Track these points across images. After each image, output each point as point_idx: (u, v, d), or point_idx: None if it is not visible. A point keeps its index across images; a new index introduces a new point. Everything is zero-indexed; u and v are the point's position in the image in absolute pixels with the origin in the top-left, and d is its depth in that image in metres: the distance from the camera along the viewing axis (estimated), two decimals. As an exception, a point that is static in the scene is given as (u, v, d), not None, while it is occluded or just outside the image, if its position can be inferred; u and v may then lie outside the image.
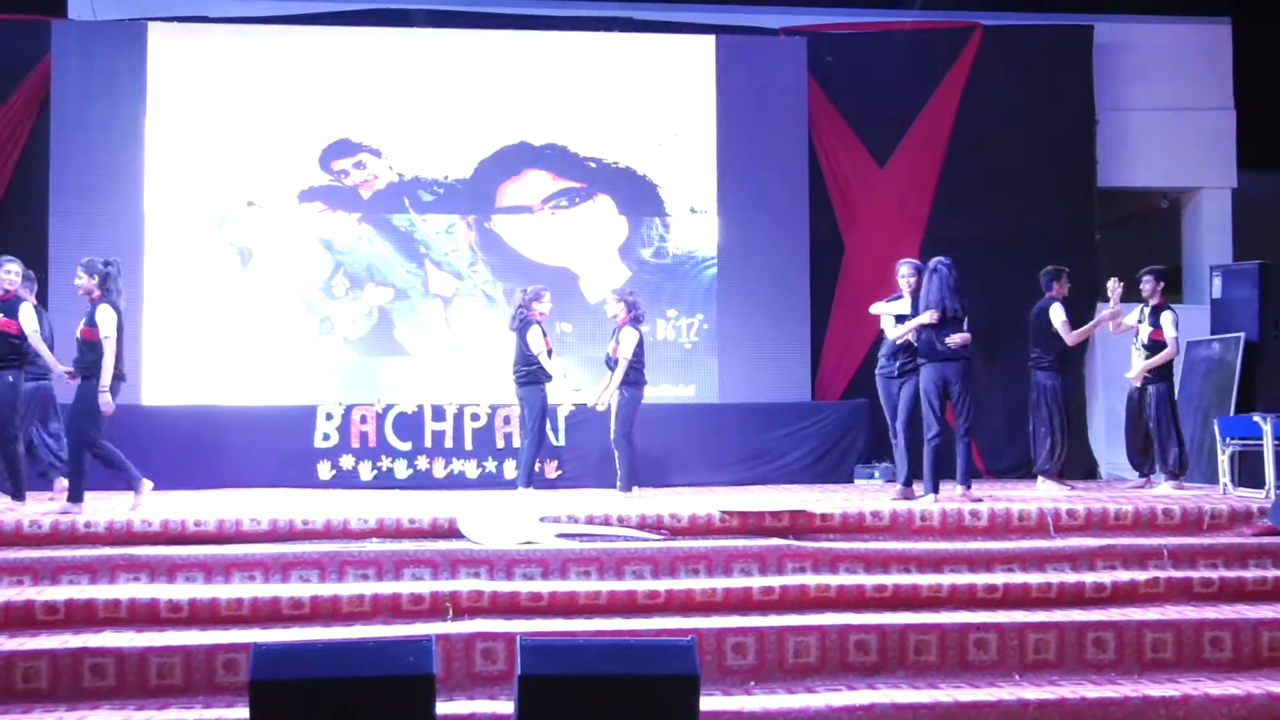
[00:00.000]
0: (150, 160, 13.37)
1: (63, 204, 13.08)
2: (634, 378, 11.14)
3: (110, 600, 7.82)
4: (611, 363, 11.26)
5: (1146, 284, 11.61)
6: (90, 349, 9.66)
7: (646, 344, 11.43)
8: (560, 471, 12.54)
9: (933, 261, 10.65)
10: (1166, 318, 11.43)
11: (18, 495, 9.82)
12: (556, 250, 13.67)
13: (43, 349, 10.05)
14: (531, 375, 11.06)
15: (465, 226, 13.59)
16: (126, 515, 9.02)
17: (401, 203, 13.54)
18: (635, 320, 11.26)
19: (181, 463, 12.01)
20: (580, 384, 11.74)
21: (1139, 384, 11.50)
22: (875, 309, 11.21)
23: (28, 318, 9.91)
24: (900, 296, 10.93)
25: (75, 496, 9.60)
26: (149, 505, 9.71)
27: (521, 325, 11.11)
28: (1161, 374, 11.49)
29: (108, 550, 8.49)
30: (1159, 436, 11.39)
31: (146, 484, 9.89)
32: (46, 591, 7.99)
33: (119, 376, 9.82)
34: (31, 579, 8.20)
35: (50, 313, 11.30)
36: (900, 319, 10.78)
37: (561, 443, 12.59)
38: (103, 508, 9.55)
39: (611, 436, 11.24)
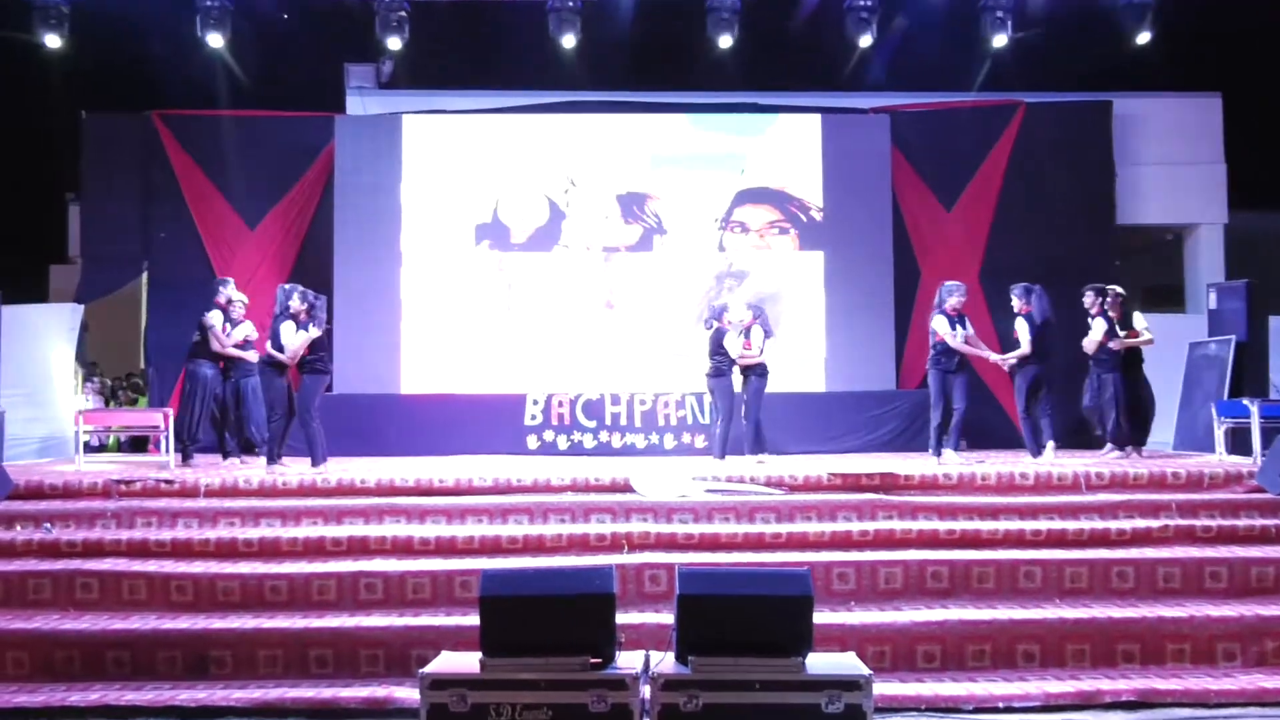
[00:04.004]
0: (406, 216, 13.60)
1: (344, 248, 13.38)
2: (762, 369, 10.98)
3: (379, 536, 7.99)
4: (720, 355, 10.88)
5: (1088, 297, 10.98)
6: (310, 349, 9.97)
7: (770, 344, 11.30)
8: (706, 443, 12.51)
9: (1034, 287, 10.64)
10: (1100, 325, 10.82)
11: (316, 461, 10.04)
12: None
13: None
14: (720, 368, 10.85)
15: (601, 258, 13.62)
16: (390, 474, 9.18)
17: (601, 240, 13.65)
18: (762, 324, 11.10)
19: (430, 436, 12.23)
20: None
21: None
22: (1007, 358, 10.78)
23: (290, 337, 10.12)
24: (959, 318, 10.60)
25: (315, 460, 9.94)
26: (406, 466, 9.88)
27: (716, 331, 10.90)
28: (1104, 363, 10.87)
29: (377, 500, 8.67)
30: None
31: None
32: (334, 530, 8.19)
33: (327, 369, 10.18)
34: (323, 520, 8.40)
35: (336, 326, 11.54)
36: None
37: (707, 420, 12.55)
38: (374, 468, 9.76)
39: (744, 415, 11.09)
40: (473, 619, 6.47)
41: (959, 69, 13.83)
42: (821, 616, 6.78)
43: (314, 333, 9.96)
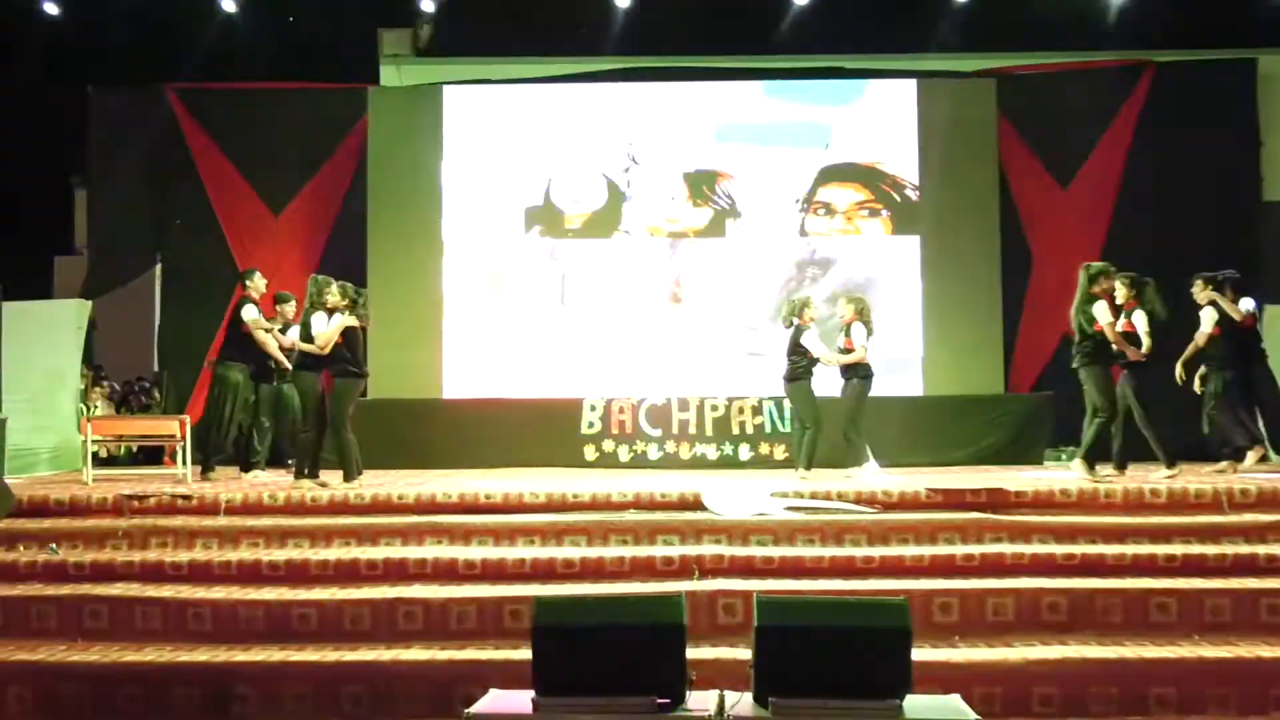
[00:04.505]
0: (447, 199, 13.70)
1: (379, 236, 13.51)
2: (865, 370, 10.83)
3: (419, 559, 8.02)
4: (797, 355, 10.85)
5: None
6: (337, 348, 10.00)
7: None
8: (788, 454, 12.44)
9: (1147, 279, 10.41)
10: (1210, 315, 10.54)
11: (349, 475, 10.06)
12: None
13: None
14: (796, 371, 10.82)
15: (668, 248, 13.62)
16: (430, 490, 9.23)
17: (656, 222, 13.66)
18: (865, 319, 10.97)
19: (476, 446, 12.29)
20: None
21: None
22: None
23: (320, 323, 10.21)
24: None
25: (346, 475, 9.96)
26: (449, 480, 9.92)
27: (796, 329, 10.89)
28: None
29: (417, 518, 8.72)
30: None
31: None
32: (369, 551, 8.24)
33: (363, 372, 10.22)
34: (356, 541, 8.45)
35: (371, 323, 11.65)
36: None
37: (788, 429, 12.47)
38: (413, 483, 9.82)
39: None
40: (524, 652, 6.45)
41: (1076, 25, 13.62)
42: (921, 653, 6.67)
43: (349, 320, 10.01)
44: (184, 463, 10.81)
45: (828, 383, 11.08)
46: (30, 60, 13.99)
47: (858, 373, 10.81)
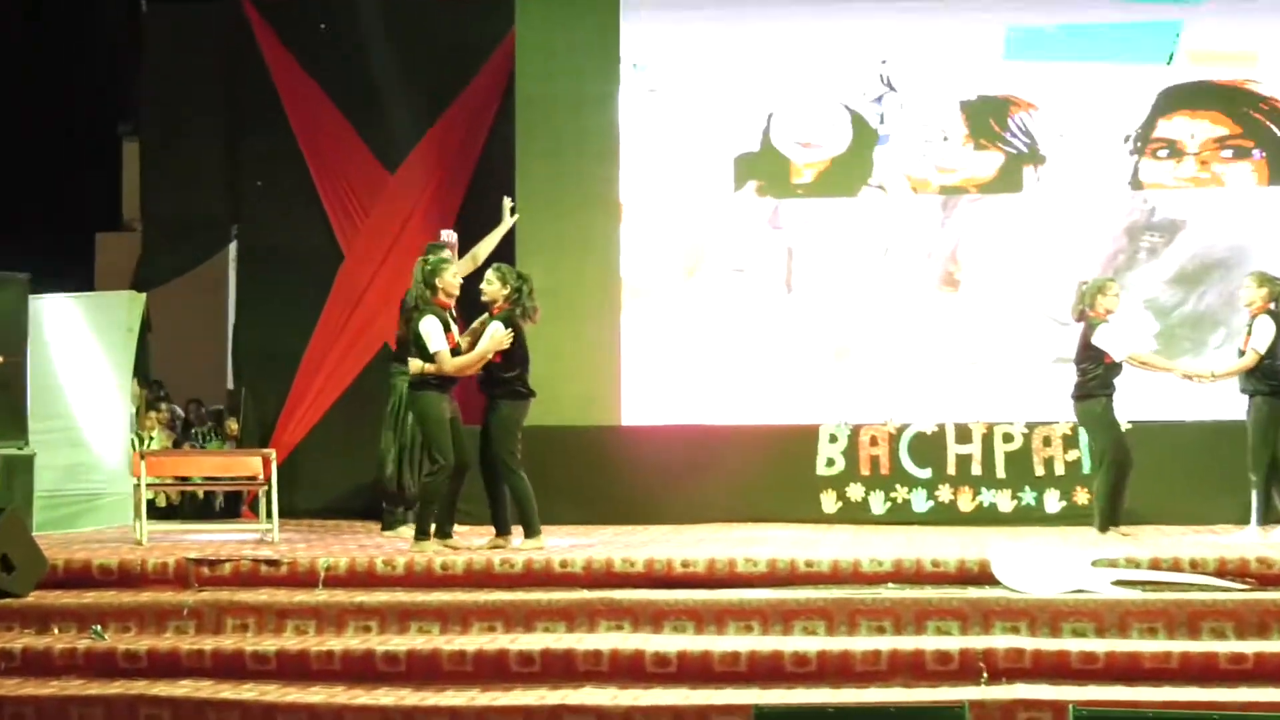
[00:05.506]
0: (627, 146, 13.83)
1: (531, 197, 13.62)
2: (1274, 382, 10.65)
3: (590, 651, 8.09)
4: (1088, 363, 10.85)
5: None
6: (497, 365, 10.11)
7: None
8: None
9: None
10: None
11: (502, 528, 10.26)
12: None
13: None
14: (1090, 384, 10.82)
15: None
16: (606, 554, 9.32)
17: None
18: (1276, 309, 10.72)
19: (666, 492, 12.37)
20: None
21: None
22: None
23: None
24: None
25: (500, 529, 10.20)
26: (631, 539, 9.99)
27: (1087, 325, 10.87)
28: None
29: (587, 593, 8.80)
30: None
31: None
32: (521, 640, 8.35)
33: (529, 390, 10.32)
34: (504, 624, 8.58)
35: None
36: None
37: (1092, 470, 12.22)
38: (581, 542, 9.91)
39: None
40: (738, 785, 6.48)
41: None
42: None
43: (504, 336, 10.02)
44: (268, 514, 11.13)
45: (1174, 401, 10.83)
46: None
47: (1264, 386, 10.67)
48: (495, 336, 10.04)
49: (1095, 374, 10.81)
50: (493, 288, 10.22)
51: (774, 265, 13.71)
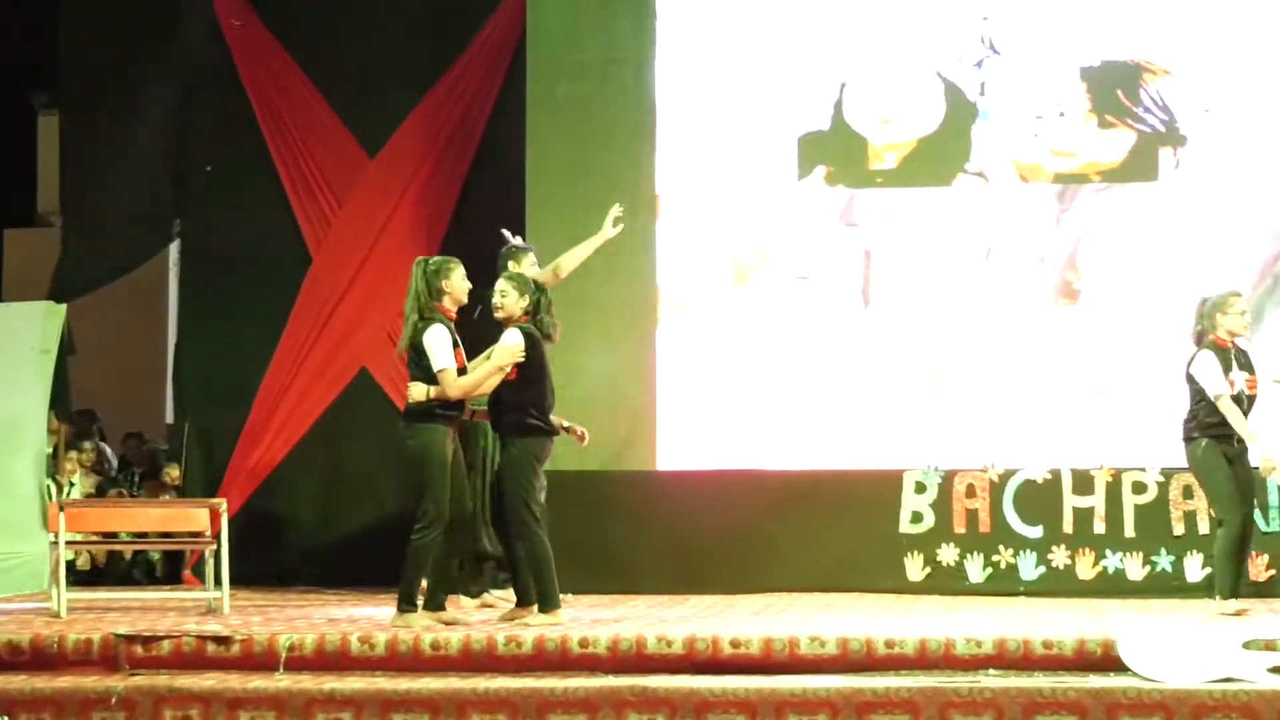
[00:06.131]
0: (664, 127, 13.88)
1: (543, 187, 13.68)
2: None
3: (617, 754, 8.10)
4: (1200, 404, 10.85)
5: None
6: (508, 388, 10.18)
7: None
8: (1275, 571, 12.16)
9: None
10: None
11: (524, 598, 10.36)
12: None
13: None
14: (1191, 426, 10.87)
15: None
16: (636, 630, 9.31)
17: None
18: None
19: (711, 555, 12.37)
20: None
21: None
22: None
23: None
24: None
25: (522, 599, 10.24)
26: (668, 614, 9.99)
27: (1199, 355, 10.94)
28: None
29: (612, 680, 8.78)
30: None
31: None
32: (530, 736, 8.37)
33: (551, 427, 10.38)
34: (510, 717, 8.55)
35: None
36: None
37: (1275, 527, 12.21)
38: (607, 616, 9.90)
39: None
40: None
41: None
42: None
43: (519, 347, 10.15)
44: (217, 580, 11.16)
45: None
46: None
47: None
48: (511, 346, 10.12)
49: (1198, 413, 10.92)
50: (509, 300, 10.28)
51: (847, 271, 13.73)
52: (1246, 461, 11.02)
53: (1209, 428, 10.96)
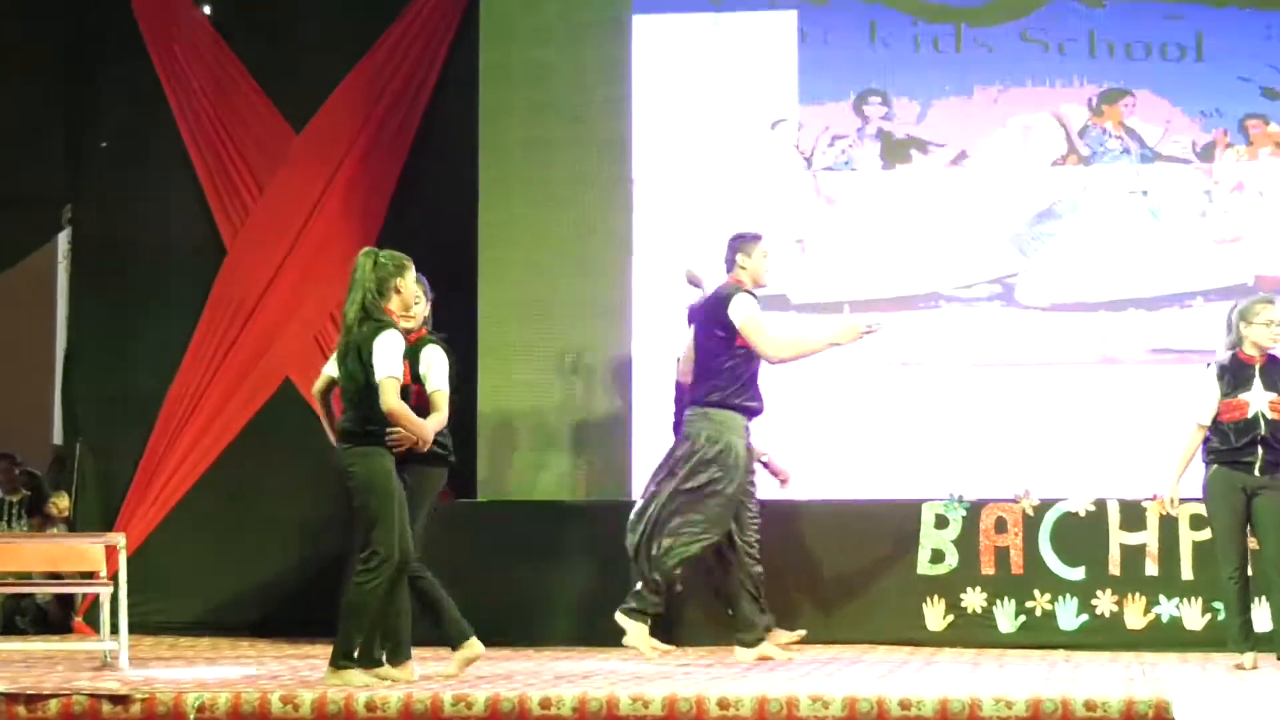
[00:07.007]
0: (639, 88, 13.95)
1: (499, 166, 13.69)
2: None
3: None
4: None
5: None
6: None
7: None
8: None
9: None
10: None
11: (460, 640, 10.22)
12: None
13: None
14: (1212, 449, 11.03)
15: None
16: (608, 689, 9.31)
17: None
18: None
19: (694, 598, 12.36)
20: None
21: None
22: None
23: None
24: None
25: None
26: (635, 672, 9.98)
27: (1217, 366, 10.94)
28: None
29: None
30: None
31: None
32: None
33: (450, 453, 10.37)
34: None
35: (482, 344, 11.86)
36: None
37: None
38: (565, 676, 9.89)
39: None
40: None
41: None
42: None
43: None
44: (113, 628, 11.12)
45: None
46: None
47: None
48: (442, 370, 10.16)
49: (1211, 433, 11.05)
50: (419, 306, 10.30)
51: (850, 262, 13.84)
52: (1272, 495, 11.04)
53: (1219, 453, 11.05)
